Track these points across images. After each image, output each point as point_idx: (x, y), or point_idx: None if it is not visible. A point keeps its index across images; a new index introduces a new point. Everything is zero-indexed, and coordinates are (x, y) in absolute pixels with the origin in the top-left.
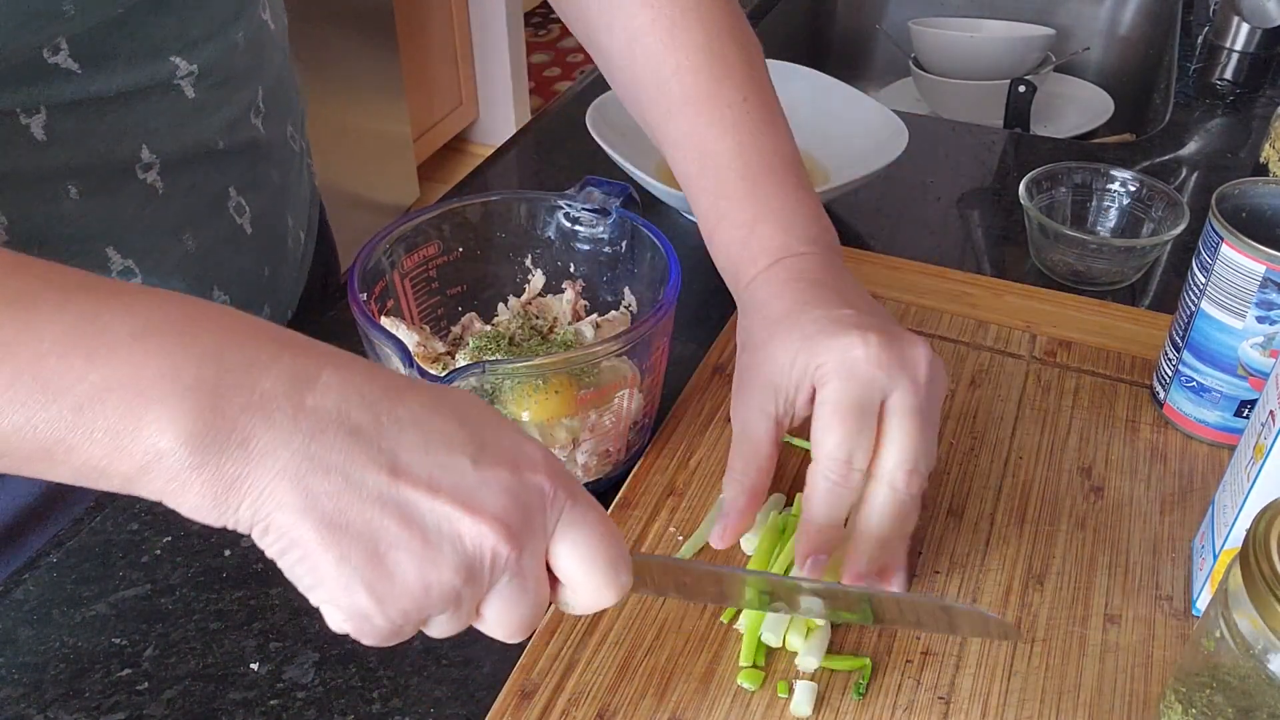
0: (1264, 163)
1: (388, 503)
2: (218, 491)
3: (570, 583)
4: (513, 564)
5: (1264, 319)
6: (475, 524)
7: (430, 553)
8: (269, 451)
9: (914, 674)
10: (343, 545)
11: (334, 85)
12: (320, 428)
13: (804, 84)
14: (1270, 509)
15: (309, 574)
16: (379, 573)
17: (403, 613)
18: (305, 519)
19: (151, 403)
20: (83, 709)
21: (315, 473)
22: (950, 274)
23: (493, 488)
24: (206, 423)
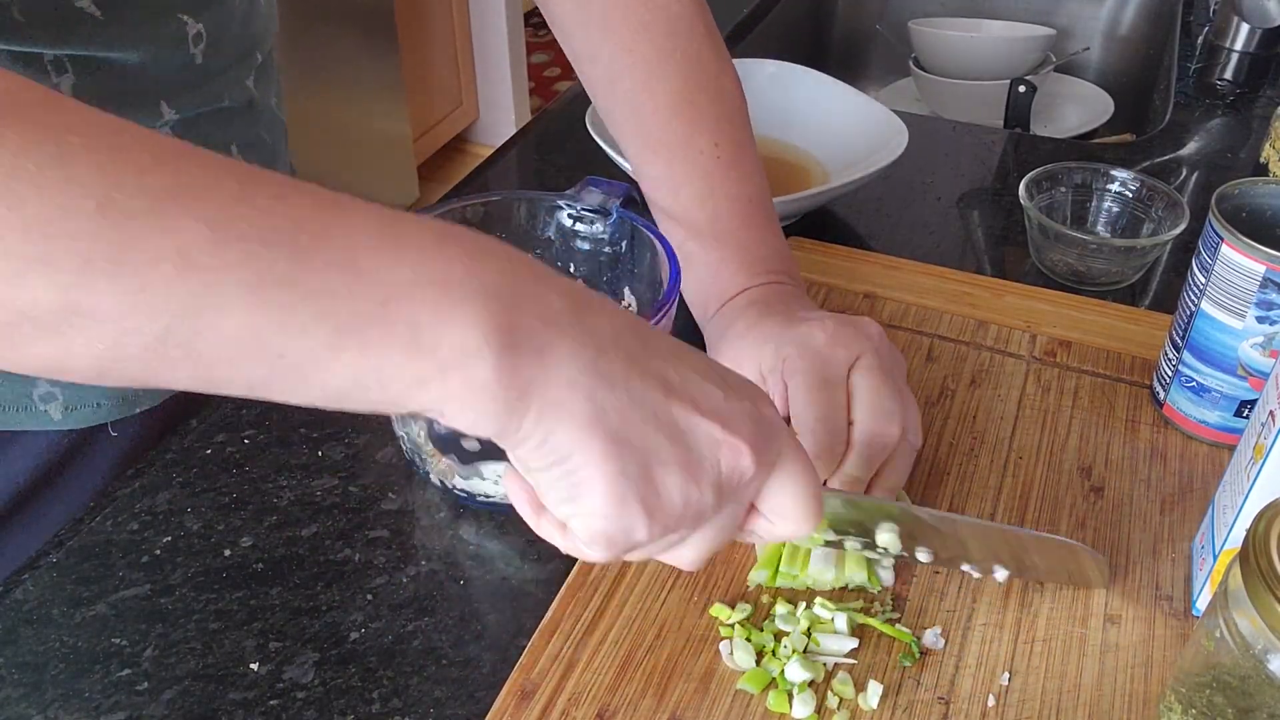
0: (1264, 163)
1: (663, 420)
2: (511, 397)
3: (778, 512)
4: (749, 486)
5: (1264, 319)
6: (734, 443)
7: (694, 469)
8: (562, 362)
9: (914, 674)
10: (624, 458)
11: (334, 85)
12: (603, 346)
13: (804, 84)
14: (1270, 509)
15: (577, 485)
16: (650, 487)
17: (664, 528)
18: (594, 431)
19: (459, 301)
20: (83, 709)
21: (602, 387)
22: (950, 274)
23: (742, 415)
24: (511, 326)
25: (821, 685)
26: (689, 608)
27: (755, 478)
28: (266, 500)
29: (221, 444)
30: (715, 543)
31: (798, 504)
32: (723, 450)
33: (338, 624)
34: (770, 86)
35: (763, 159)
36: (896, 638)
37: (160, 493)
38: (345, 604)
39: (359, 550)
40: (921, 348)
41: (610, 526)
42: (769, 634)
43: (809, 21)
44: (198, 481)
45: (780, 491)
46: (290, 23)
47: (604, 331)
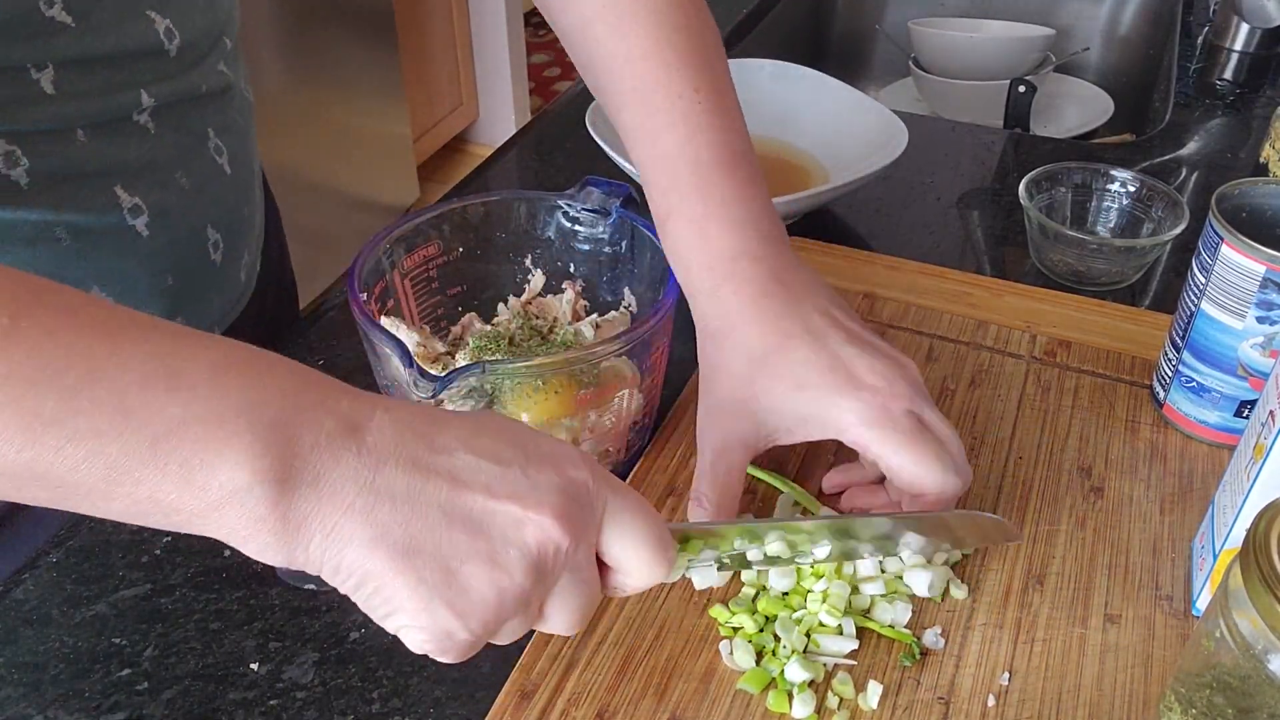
0: (1264, 163)
1: (454, 517)
2: (289, 530)
3: (622, 566)
4: (572, 556)
5: (1264, 319)
6: (539, 520)
7: (499, 558)
8: (338, 488)
9: (914, 674)
10: (417, 568)
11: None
12: (381, 461)
13: (804, 84)
14: (1270, 509)
15: (385, 603)
16: (455, 589)
17: (483, 624)
18: (377, 550)
19: (230, 437)
20: (83, 709)
21: (382, 504)
22: (950, 274)
23: (545, 488)
24: (282, 460)
25: (821, 685)
26: (689, 608)
27: (575, 545)
28: None
29: None
30: (576, 610)
31: (638, 551)
32: (527, 529)
33: (338, 624)
34: (770, 86)
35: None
36: (896, 638)
37: None
38: (345, 604)
39: None
40: (921, 348)
41: (427, 634)
42: (769, 634)
43: (809, 21)
44: None
45: (617, 544)
46: (290, 23)
47: (384, 443)
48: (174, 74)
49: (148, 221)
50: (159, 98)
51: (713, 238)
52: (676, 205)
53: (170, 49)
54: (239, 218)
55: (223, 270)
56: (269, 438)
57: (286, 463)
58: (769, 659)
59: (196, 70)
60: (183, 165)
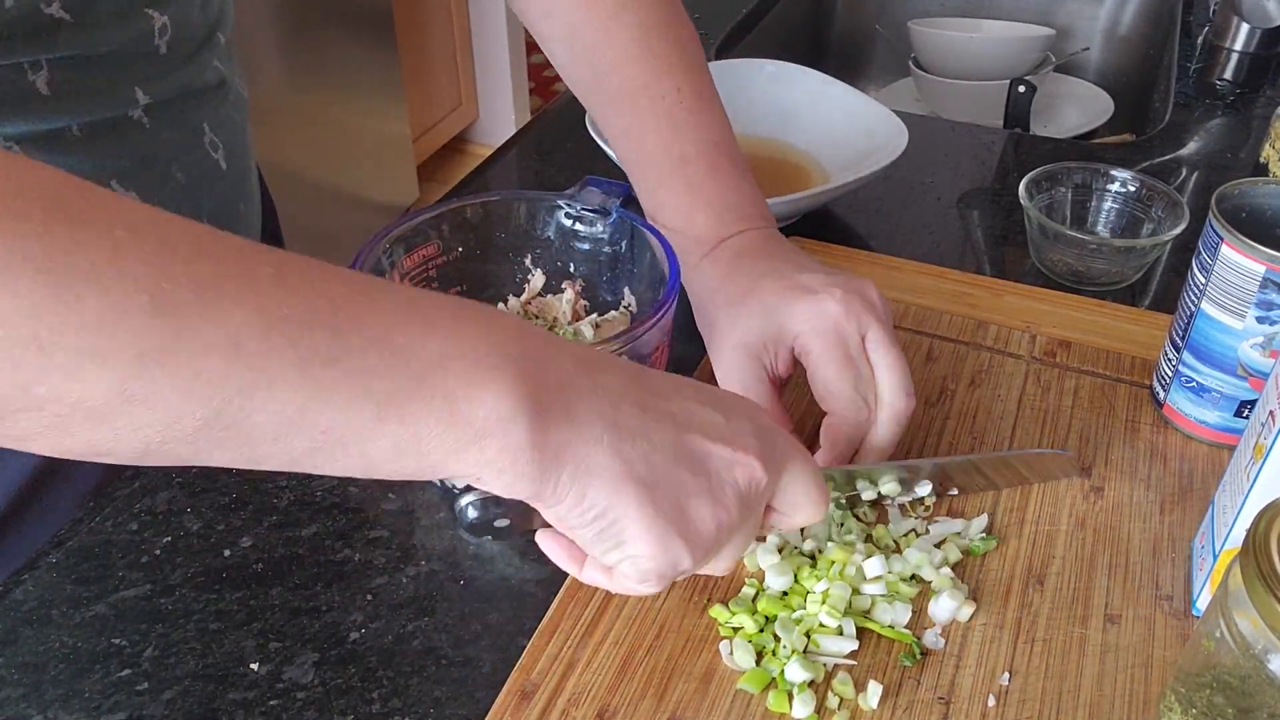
0: (1264, 163)
1: (681, 456)
2: (545, 459)
3: (790, 507)
4: (766, 492)
5: (1264, 319)
6: (746, 460)
7: (718, 493)
8: (587, 421)
9: (914, 674)
10: (656, 501)
11: (334, 85)
12: (616, 400)
13: (804, 84)
14: (1270, 509)
15: (619, 534)
16: (684, 520)
17: (705, 552)
18: (625, 484)
19: (488, 372)
20: (83, 709)
21: (625, 440)
22: (950, 274)
23: (746, 432)
24: (536, 393)
25: (821, 685)
26: (689, 608)
27: (769, 484)
28: (266, 500)
29: None
30: (744, 548)
31: (809, 494)
32: (738, 468)
33: (338, 624)
34: (770, 86)
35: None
36: (896, 639)
37: (160, 493)
38: (345, 604)
39: (359, 550)
40: (921, 348)
41: (659, 564)
42: (769, 635)
43: (809, 21)
44: (197, 481)
45: (791, 488)
46: (290, 23)
47: (614, 386)
48: (168, 71)
49: None
50: (154, 95)
51: (698, 224)
52: (664, 200)
53: (162, 46)
54: (235, 213)
55: None
56: (523, 375)
57: (541, 395)
58: (769, 659)
59: (190, 66)
60: (178, 161)
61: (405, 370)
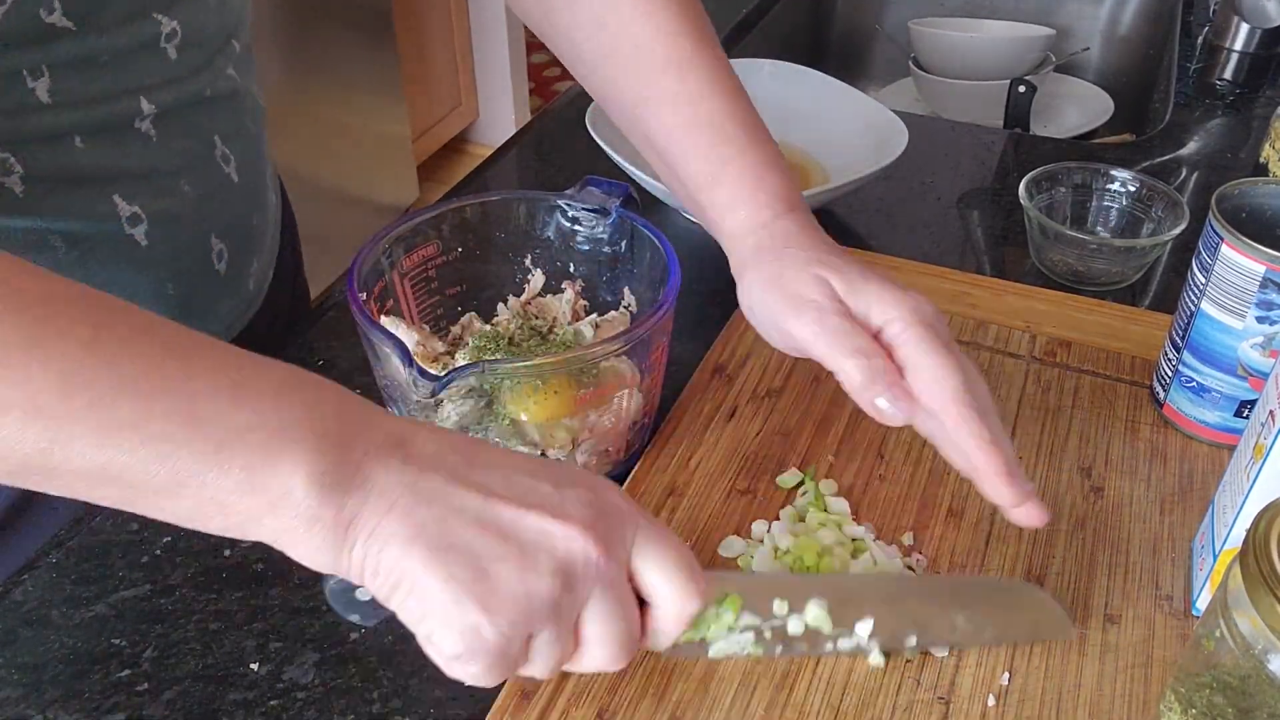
0: (1264, 163)
1: (486, 523)
2: (336, 530)
3: (655, 594)
4: (603, 570)
5: (1264, 319)
6: (566, 529)
7: (528, 561)
8: (384, 491)
9: (914, 674)
10: (449, 564)
11: (334, 85)
12: (423, 469)
13: (804, 84)
14: (1270, 509)
15: (418, 603)
16: (485, 586)
17: (510, 623)
18: (414, 547)
19: (288, 444)
20: (83, 709)
21: (421, 504)
22: (950, 274)
23: (574, 502)
24: (335, 466)
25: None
26: None
27: (606, 557)
28: None
29: None
30: (614, 633)
31: (670, 577)
32: (555, 537)
33: (338, 624)
34: (770, 86)
35: None
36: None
37: None
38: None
39: None
40: None
41: (453, 631)
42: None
43: (809, 21)
44: None
45: (648, 571)
46: (290, 23)
47: (426, 455)
48: (177, 79)
49: (147, 230)
50: (160, 104)
51: (771, 185)
52: (730, 156)
53: (172, 52)
54: (247, 226)
55: (229, 279)
56: (324, 446)
57: (339, 468)
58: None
59: (202, 75)
60: (186, 173)
61: (205, 440)
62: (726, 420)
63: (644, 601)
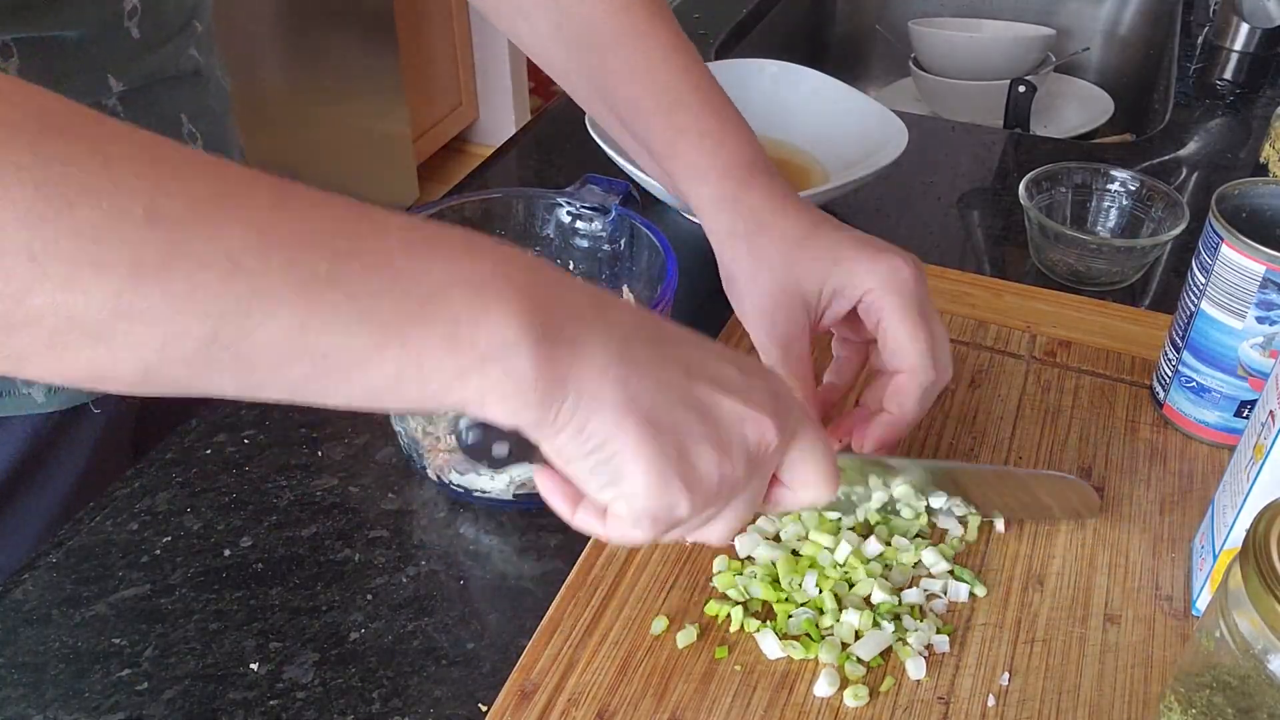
0: (1264, 163)
1: (689, 400)
2: (548, 385)
3: (797, 481)
4: (775, 456)
5: (1264, 319)
6: (756, 416)
7: (725, 444)
8: (594, 351)
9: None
10: (660, 439)
11: (334, 85)
12: (628, 336)
13: (804, 84)
14: (1270, 509)
15: (616, 470)
16: (686, 464)
17: (703, 502)
18: (628, 416)
19: (493, 298)
20: (83, 709)
21: (633, 374)
22: (950, 274)
23: (761, 391)
24: (543, 322)
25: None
26: (689, 607)
27: (779, 449)
28: (266, 500)
29: (221, 444)
30: (744, 515)
31: (819, 471)
32: (748, 424)
33: (338, 624)
34: (770, 86)
35: None
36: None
37: (160, 493)
38: (345, 604)
39: (359, 550)
40: None
41: (654, 504)
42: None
43: (809, 21)
44: (198, 481)
45: (802, 461)
46: (290, 23)
47: (626, 323)
48: (140, 56)
49: None
50: (128, 81)
51: (730, 148)
52: (687, 123)
53: (133, 29)
54: None
55: None
56: (529, 302)
57: (548, 323)
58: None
59: (163, 51)
60: None
61: (407, 294)
62: None
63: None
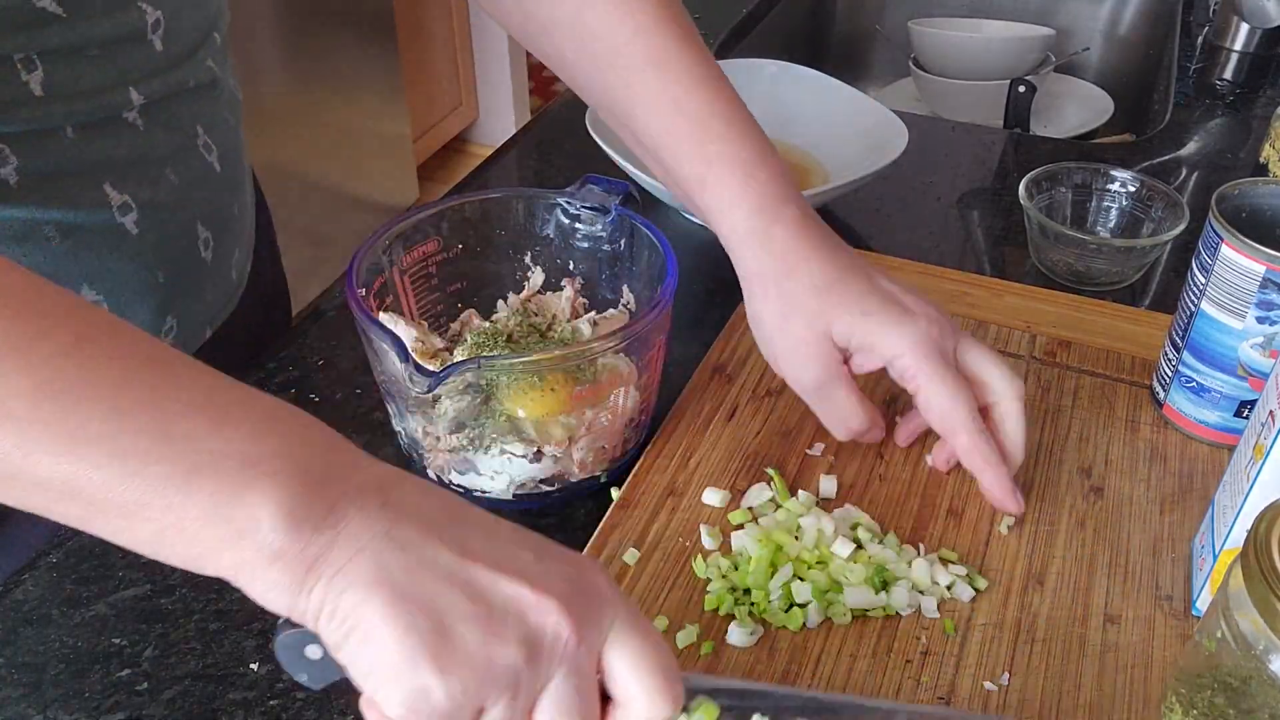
0: (1264, 163)
1: (456, 579)
2: (298, 568)
3: (624, 693)
4: (571, 652)
5: (1264, 319)
6: (540, 600)
7: (495, 625)
8: (354, 534)
9: (914, 674)
10: (411, 615)
11: (334, 85)
12: (401, 517)
13: (804, 84)
14: (1270, 509)
15: (371, 655)
16: (444, 644)
17: (463, 689)
18: (376, 591)
19: (261, 476)
20: (83, 709)
21: (392, 550)
22: (950, 274)
23: (555, 576)
24: (306, 503)
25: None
26: (689, 608)
27: (578, 638)
28: None
29: None
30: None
31: (643, 675)
32: (528, 609)
33: None
34: (770, 86)
35: None
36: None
37: None
38: None
39: None
40: None
41: (401, 689)
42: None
43: (809, 22)
44: None
45: (619, 662)
46: (290, 23)
47: (407, 505)
48: (162, 69)
49: (137, 219)
50: (148, 94)
51: (762, 181)
52: (718, 155)
53: (157, 42)
54: (229, 215)
55: (214, 268)
56: (298, 483)
57: (311, 505)
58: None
59: (185, 65)
60: (172, 162)
61: (175, 461)
62: (726, 420)
63: (607, 697)
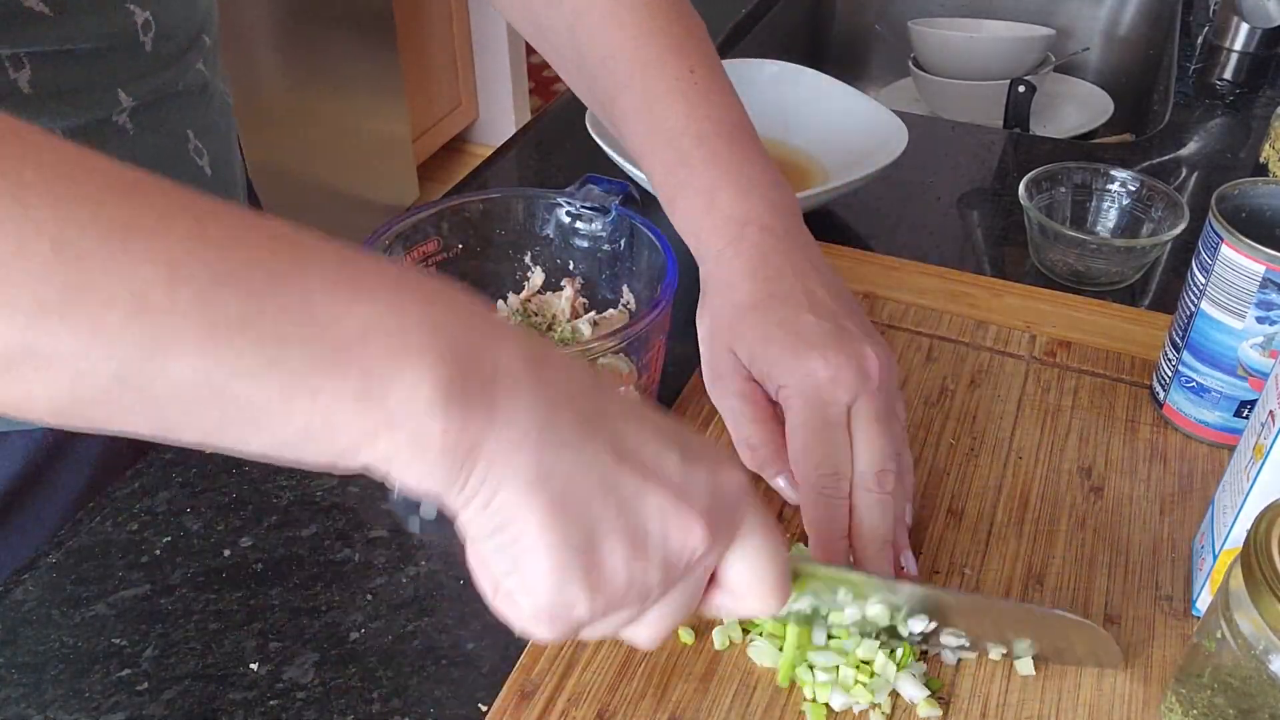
0: (1264, 163)
1: (611, 486)
2: (458, 453)
3: (738, 589)
4: (703, 566)
5: (1264, 319)
6: (684, 519)
7: (639, 545)
8: (512, 419)
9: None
10: (567, 526)
11: (334, 85)
12: (557, 403)
13: (804, 84)
14: (1270, 509)
15: (514, 556)
16: (592, 560)
17: (605, 604)
18: (536, 494)
19: (411, 352)
20: (83, 709)
21: (551, 446)
22: (950, 274)
23: (698, 485)
24: (462, 380)
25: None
26: None
27: (709, 554)
28: (266, 500)
29: None
30: (671, 622)
31: (759, 580)
32: (672, 526)
33: (338, 624)
34: (770, 86)
35: None
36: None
37: (160, 493)
38: (345, 604)
39: (359, 550)
40: (921, 348)
41: (549, 601)
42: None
43: (809, 21)
44: (198, 481)
45: (741, 565)
46: (290, 23)
47: (559, 387)
48: (152, 71)
49: None
50: (137, 97)
51: (722, 205)
52: (685, 179)
53: (148, 44)
54: None
55: None
56: (451, 356)
57: (466, 384)
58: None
59: (174, 67)
60: (162, 167)
61: (321, 342)
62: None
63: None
